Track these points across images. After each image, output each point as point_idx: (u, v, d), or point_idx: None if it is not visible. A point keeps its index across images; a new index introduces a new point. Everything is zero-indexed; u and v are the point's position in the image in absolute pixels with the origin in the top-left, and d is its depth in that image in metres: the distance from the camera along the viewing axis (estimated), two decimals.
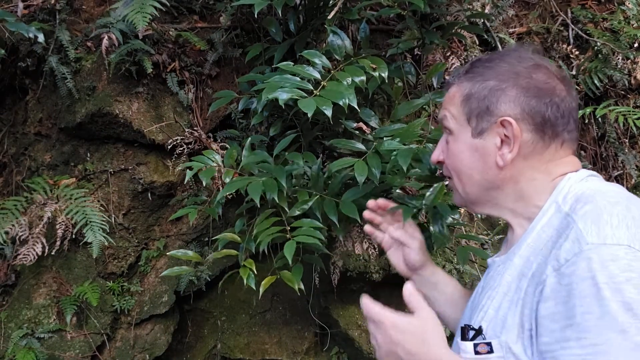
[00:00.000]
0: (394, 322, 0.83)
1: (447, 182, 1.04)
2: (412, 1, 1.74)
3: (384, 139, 1.66)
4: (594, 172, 0.93)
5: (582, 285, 0.74)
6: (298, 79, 1.63)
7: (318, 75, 1.66)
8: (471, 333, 0.90)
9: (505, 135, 0.90)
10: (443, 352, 0.82)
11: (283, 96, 1.54)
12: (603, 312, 0.72)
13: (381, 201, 1.28)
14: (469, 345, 0.88)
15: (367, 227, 1.29)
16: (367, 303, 0.86)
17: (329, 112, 1.52)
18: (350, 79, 1.67)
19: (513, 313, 0.84)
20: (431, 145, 1.53)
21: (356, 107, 1.58)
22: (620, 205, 0.79)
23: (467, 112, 0.94)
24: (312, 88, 1.62)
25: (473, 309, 0.96)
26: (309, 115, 1.51)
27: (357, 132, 1.83)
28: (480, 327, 0.88)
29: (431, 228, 1.56)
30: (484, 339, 0.87)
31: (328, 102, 1.54)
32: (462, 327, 0.93)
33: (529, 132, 0.90)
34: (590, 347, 0.72)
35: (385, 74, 1.74)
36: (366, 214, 1.29)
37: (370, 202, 1.28)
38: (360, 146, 1.68)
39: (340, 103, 1.56)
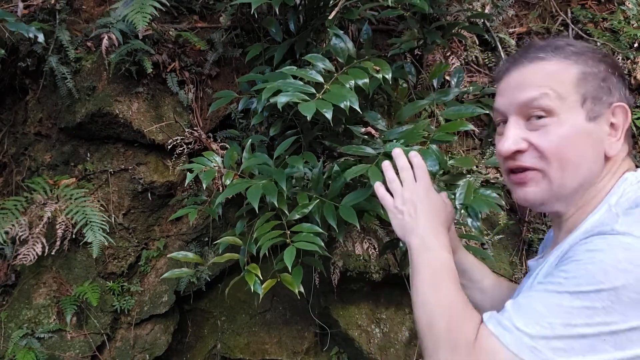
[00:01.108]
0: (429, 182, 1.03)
1: (508, 177, 0.93)
2: (415, 3, 1.74)
3: (394, 141, 1.65)
4: None
5: (584, 255, 0.74)
6: (300, 82, 1.63)
7: (321, 79, 1.65)
8: None
9: (611, 122, 0.86)
10: (447, 231, 1.00)
11: (282, 99, 1.54)
12: (579, 276, 0.72)
13: None
14: None
15: None
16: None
17: (329, 115, 1.52)
18: (353, 81, 1.66)
19: None
20: (434, 146, 1.51)
21: (358, 109, 1.57)
22: None
23: (584, 93, 0.85)
24: (314, 91, 1.61)
25: None
26: (308, 118, 1.51)
27: (366, 136, 1.83)
28: None
29: (468, 222, 1.59)
30: None
31: (329, 104, 1.54)
32: None
33: None
34: (544, 285, 0.76)
35: (388, 76, 1.73)
36: None
37: None
38: (371, 150, 1.67)
39: (342, 105, 1.55)
